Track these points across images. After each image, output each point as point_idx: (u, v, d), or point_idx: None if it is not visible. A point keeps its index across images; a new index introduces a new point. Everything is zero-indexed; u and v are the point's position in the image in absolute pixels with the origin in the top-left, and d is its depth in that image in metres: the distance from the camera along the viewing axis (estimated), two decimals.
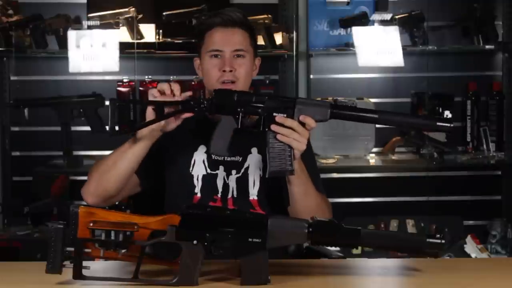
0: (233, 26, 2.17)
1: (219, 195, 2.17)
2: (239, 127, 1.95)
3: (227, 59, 2.14)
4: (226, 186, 2.18)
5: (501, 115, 3.88)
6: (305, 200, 2.06)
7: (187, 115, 1.97)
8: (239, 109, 1.94)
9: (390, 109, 3.88)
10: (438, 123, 1.93)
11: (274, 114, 1.92)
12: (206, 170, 2.18)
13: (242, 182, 2.17)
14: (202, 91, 3.68)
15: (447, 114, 1.94)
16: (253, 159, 2.18)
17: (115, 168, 2.05)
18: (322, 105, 1.93)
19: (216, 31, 2.17)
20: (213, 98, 1.96)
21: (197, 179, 2.18)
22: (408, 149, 3.91)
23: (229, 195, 2.17)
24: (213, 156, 2.16)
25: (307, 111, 1.92)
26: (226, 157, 2.16)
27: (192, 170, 2.18)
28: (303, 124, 1.92)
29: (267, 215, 1.78)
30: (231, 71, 2.14)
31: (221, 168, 2.18)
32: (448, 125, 1.92)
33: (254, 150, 2.19)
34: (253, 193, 2.18)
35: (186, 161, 2.17)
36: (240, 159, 2.18)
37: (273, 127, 1.92)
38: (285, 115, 1.92)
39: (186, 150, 2.19)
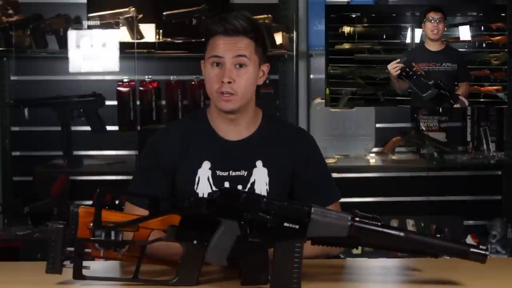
0: (236, 35, 2.08)
1: None
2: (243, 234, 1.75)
3: (227, 70, 2.07)
4: None
5: (501, 115, 3.88)
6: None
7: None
8: (245, 214, 1.74)
9: (390, 110, 3.89)
10: (472, 250, 1.76)
11: (285, 224, 1.73)
12: (211, 187, 2.11)
13: None
14: (202, 91, 3.70)
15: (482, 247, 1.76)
16: (259, 173, 2.13)
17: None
18: (341, 217, 1.74)
19: (218, 38, 2.09)
20: (217, 198, 1.76)
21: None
22: (408, 149, 3.91)
23: None
24: (217, 172, 2.11)
25: (322, 225, 1.73)
26: (231, 172, 2.12)
27: (196, 188, 2.12)
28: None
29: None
30: (229, 82, 2.06)
31: (226, 184, 2.11)
32: (484, 252, 1.76)
33: (259, 163, 2.13)
34: None
35: (191, 179, 2.11)
36: (246, 173, 2.12)
37: None
38: (297, 227, 1.73)
39: (190, 167, 2.12)
